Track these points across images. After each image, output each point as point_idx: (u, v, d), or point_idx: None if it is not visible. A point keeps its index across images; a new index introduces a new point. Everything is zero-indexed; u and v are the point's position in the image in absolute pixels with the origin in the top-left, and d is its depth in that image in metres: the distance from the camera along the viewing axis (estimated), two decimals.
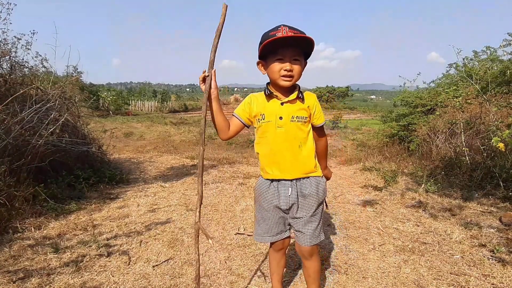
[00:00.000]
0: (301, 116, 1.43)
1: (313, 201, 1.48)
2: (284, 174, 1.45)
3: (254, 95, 1.51)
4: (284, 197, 1.47)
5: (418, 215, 3.11)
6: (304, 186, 1.47)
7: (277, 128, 1.42)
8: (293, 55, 1.36)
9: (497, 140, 2.77)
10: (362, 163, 5.61)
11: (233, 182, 4.39)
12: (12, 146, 2.98)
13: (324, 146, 1.62)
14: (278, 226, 1.54)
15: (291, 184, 1.47)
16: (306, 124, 1.46)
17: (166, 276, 2.02)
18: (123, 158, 6.10)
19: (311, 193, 1.47)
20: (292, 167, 1.44)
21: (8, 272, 1.97)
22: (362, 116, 26.61)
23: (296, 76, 1.39)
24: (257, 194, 1.56)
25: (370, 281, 1.98)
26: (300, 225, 1.49)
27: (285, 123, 1.42)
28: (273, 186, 1.49)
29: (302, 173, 1.46)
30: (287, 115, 1.41)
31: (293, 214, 1.51)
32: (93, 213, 3.09)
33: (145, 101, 33.44)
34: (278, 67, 1.36)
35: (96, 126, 6.35)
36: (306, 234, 1.49)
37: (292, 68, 1.36)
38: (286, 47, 1.33)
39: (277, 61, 1.36)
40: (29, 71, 4.05)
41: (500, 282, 1.93)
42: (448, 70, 7.52)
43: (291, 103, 1.43)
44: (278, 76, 1.37)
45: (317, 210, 1.51)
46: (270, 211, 1.52)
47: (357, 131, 14.03)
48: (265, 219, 1.54)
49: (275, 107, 1.43)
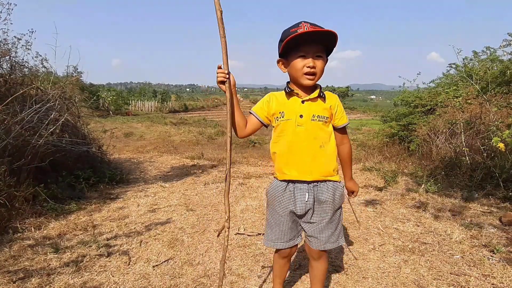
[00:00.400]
0: (322, 115, 1.38)
1: (329, 208, 1.43)
2: (302, 175, 1.39)
3: (273, 93, 1.46)
4: (300, 202, 1.41)
5: (418, 215, 3.11)
6: (320, 192, 1.41)
7: (296, 127, 1.37)
8: (315, 51, 1.31)
9: (497, 140, 2.77)
10: (362, 163, 5.60)
11: (233, 182, 4.39)
12: (12, 146, 2.98)
13: (348, 151, 1.52)
14: (292, 232, 1.48)
15: (308, 188, 1.40)
16: (327, 124, 1.40)
17: (166, 276, 2.02)
18: (123, 158, 6.10)
19: (328, 199, 1.42)
20: (312, 168, 1.38)
21: (8, 272, 1.97)
22: (362, 116, 26.61)
23: (318, 73, 1.34)
24: (271, 198, 1.49)
25: (370, 281, 1.98)
26: (316, 231, 1.45)
27: (306, 121, 1.36)
28: (289, 190, 1.43)
29: (321, 175, 1.40)
30: (308, 114, 1.36)
31: (308, 219, 1.45)
32: (93, 213, 3.09)
33: (145, 101, 33.47)
34: (300, 64, 1.32)
35: (96, 126, 6.35)
36: (320, 239, 1.45)
37: (315, 64, 1.31)
38: (308, 43, 1.29)
39: (300, 58, 1.32)
40: (29, 71, 4.05)
41: (500, 282, 1.93)
42: (448, 70, 7.53)
43: (312, 101, 1.38)
44: (301, 74, 1.33)
45: (334, 216, 1.46)
46: (284, 216, 1.45)
47: (357, 131, 14.03)
48: (279, 224, 1.48)
49: (296, 105, 1.38)
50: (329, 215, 1.44)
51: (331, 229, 1.46)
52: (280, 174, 1.44)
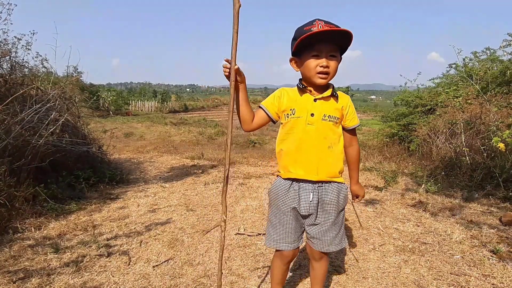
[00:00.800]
0: (333, 116, 1.36)
1: (333, 209, 1.41)
2: (308, 175, 1.36)
3: (285, 89, 1.43)
4: (305, 202, 1.38)
5: (418, 215, 3.11)
6: (325, 193, 1.40)
7: (307, 125, 1.34)
8: (329, 50, 1.29)
9: (498, 140, 2.78)
10: (362, 163, 5.60)
11: (233, 182, 4.39)
12: (12, 146, 2.98)
13: (356, 153, 1.50)
14: (296, 233, 1.45)
15: (313, 188, 1.38)
16: (337, 125, 1.39)
17: (166, 276, 2.02)
18: (123, 158, 6.10)
19: (332, 200, 1.40)
20: (318, 168, 1.36)
21: (8, 272, 1.97)
22: (362, 116, 26.62)
23: (332, 73, 1.31)
24: (274, 196, 1.45)
25: (370, 281, 1.98)
26: (320, 233, 1.43)
27: (316, 120, 1.34)
28: (294, 189, 1.40)
29: (327, 176, 1.38)
30: (319, 113, 1.34)
31: (312, 221, 1.43)
32: (93, 213, 3.09)
33: (145, 101, 33.51)
34: (314, 64, 1.29)
35: (96, 126, 6.36)
36: (324, 241, 1.44)
37: (329, 64, 1.29)
38: (322, 42, 1.26)
39: (313, 57, 1.29)
40: (29, 71, 4.05)
41: (500, 282, 1.93)
42: (448, 70, 7.53)
43: (324, 100, 1.36)
44: (314, 73, 1.30)
45: (338, 218, 1.44)
46: (288, 214, 1.42)
47: (357, 131, 14.03)
48: (283, 224, 1.44)
49: (308, 102, 1.36)
50: (333, 216, 1.42)
51: (334, 231, 1.44)
52: (285, 172, 1.41)
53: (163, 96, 38.58)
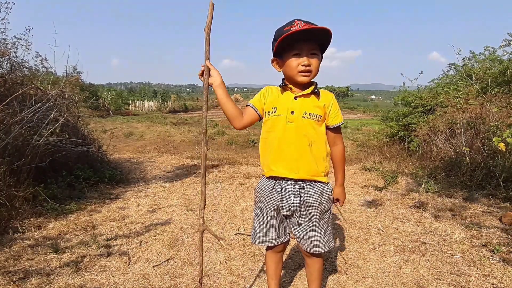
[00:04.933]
0: (314, 113, 1.36)
1: (315, 211, 1.41)
2: (289, 173, 1.37)
3: (269, 87, 1.45)
4: (286, 203, 1.41)
5: (418, 215, 3.11)
6: (307, 194, 1.40)
7: (287, 123, 1.35)
8: (310, 49, 1.30)
9: (498, 140, 2.78)
10: (362, 163, 5.60)
11: (233, 182, 4.39)
12: (12, 146, 2.98)
13: (340, 153, 1.47)
14: (279, 230, 1.49)
15: (294, 189, 1.39)
16: (319, 123, 1.38)
17: (166, 276, 2.02)
18: (123, 158, 6.09)
19: (314, 202, 1.40)
20: (299, 165, 1.37)
21: (8, 272, 1.96)
22: (362, 116, 26.62)
23: (314, 71, 1.33)
24: (258, 197, 1.49)
25: (370, 281, 1.98)
26: (305, 234, 1.44)
27: (296, 118, 1.35)
28: (276, 191, 1.42)
29: (309, 175, 1.38)
30: (300, 110, 1.35)
31: (296, 221, 1.45)
32: (93, 213, 3.08)
33: (145, 101, 33.48)
34: (295, 63, 1.31)
35: (96, 126, 6.34)
36: (311, 242, 1.44)
37: (310, 62, 1.30)
38: (302, 41, 1.28)
39: (294, 56, 1.31)
40: (29, 71, 4.05)
41: (500, 282, 1.93)
42: (448, 70, 7.53)
43: (305, 97, 1.37)
44: (296, 72, 1.32)
45: (322, 220, 1.44)
46: (272, 214, 1.45)
47: (357, 131, 14.04)
48: (267, 223, 1.48)
49: (288, 100, 1.37)
50: (316, 218, 1.42)
51: (319, 233, 1.44)
52: (267, 170, 1.43)
53: (163, 96, 38.58)
